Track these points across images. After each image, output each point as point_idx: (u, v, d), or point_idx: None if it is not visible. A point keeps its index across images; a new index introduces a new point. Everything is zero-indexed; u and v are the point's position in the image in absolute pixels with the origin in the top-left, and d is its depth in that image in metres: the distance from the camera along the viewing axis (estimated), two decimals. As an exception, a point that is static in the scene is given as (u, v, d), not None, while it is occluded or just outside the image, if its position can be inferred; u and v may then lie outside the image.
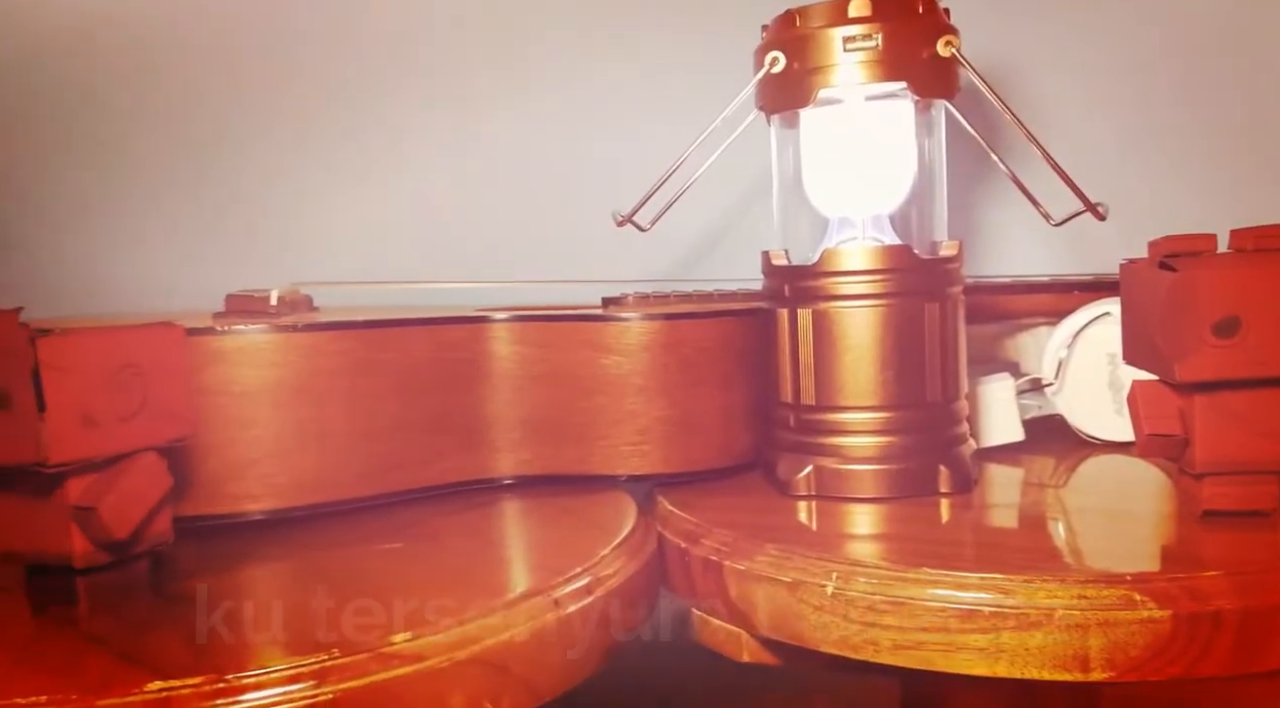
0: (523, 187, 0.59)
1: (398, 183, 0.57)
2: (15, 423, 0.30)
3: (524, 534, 0.40)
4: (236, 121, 0.54)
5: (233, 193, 0.54)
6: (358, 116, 0.56)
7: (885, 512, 0.39)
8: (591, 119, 0.59)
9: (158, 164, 0.52)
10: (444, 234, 0.58)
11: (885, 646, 0.32)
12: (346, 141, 0.56)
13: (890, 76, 0.41)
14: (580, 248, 0.57)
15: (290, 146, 0.55)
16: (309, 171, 0.56)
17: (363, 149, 0.57)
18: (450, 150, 0.58)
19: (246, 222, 0.54)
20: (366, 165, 0.57)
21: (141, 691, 0.25)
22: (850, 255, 0.41)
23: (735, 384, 0.44)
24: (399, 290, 0.52)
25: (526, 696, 0.29)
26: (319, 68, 0.55)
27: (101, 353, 0.31)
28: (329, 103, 0.56)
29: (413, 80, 0.57)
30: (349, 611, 0.30)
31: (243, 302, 0.43)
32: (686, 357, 0.43)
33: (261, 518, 0.38)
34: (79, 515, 0.31)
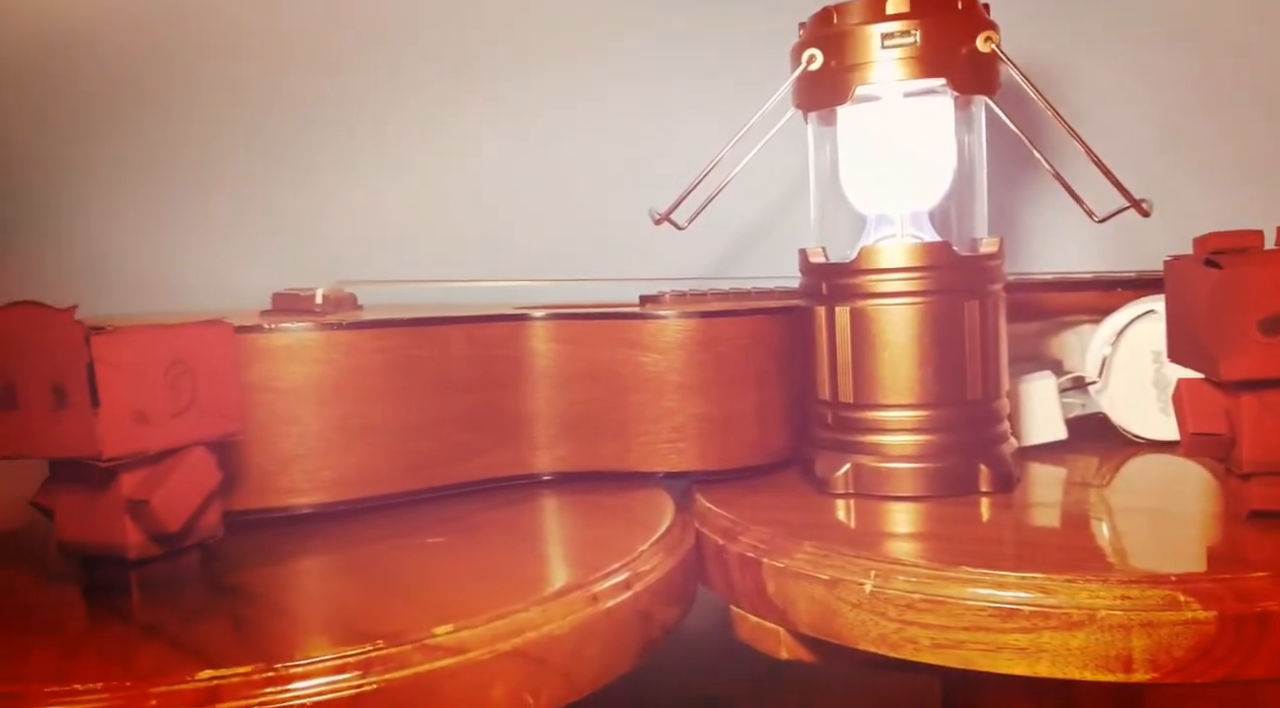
0: (562, 185, 0.59)
1: (438, 182, 0.58)
2: (71, 419, 0.31)
3: (562, 530, 0.40)
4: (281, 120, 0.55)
5: (278, 192, 0.55)
6: (401, 115, 0.57)
7: (924, 510, 0.39)
8: (630, 117, 0.60)
9: (206, 164, 0.53)
10: (484, 233, 0.59)
11: (924, 644, 0.32)
12: (389, 141, 0.57)
13: (929, 73, 0.41)
14: (618, 246, 0.58)
15: (333, 146, 0.56)
16: (352, 171, 0.56)
17: (404, 149, 0.57)
18: (490, 150, 0.59)
19: (293, 220, 0.55)
20: (407, 165, 0.57)
21: (193, 679, 0.25)
22: (888, 253, 0.41)
23: (772, 382, 0.44)
24: (440, 289, 0.53)
25: (566, 689, 0.30)
26: (363, 66, 0.56)
27: (153, 350, 0.32)
28: (372, 101, 0.57)
29: (452, 80, 0.58)
30: (392, 603, 0.31)
31: (289, 300, 0.44)
32: (723, 354, 0.43)
33: (307, 512, 0.39)
34: (132, 509, 0.32)
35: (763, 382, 0.44)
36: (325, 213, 0.56)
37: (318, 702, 0.26)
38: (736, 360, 0.43)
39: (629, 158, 0.59)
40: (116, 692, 0.25)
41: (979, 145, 0.44)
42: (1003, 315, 0.42)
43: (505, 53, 0.58)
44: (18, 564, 0.37)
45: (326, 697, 0.26)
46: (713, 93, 0.58)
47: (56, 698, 0.25)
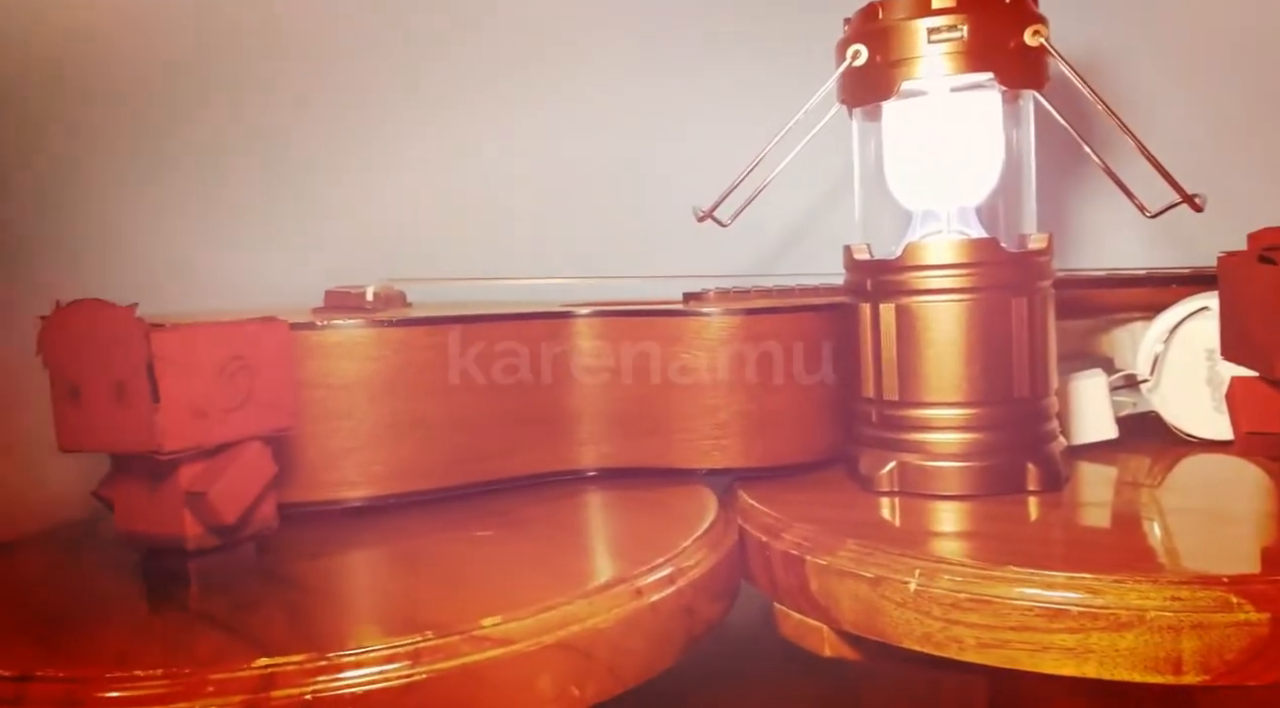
0: (607, 183, 0.59)
1: (484, 180, 0.58)
2: (132, 413, 0.31)
3: (607, 525, 0.40)
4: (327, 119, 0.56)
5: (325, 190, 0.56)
6: (447, 113, 0.58)
7: (970, 509, 0.39)
8: (676, 114, 0.60)
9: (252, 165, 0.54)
10: (530, 231, 0.59)
11: (969, 644, 0.32)
12: (437, 138, 0.58)
13: (976, 67, 0.40)
14: (663, 244, 0.58)
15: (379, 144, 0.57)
16: (399, 169, 0.57)
17: (452, 147, 0.58)
18: (536, 148, 0.59)
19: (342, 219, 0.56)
20: (454, 163, 0.58)
21: (249, 666, 0.26)
22: (934, 249, 0.41)
23: (815, 379, 0.44)
24: (487, 286, 0.53)
25: (610, 681, 0.30)
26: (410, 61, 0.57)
27: (211, 346, 0.32)
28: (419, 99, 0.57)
29: (498, 77, 0.58)
30: (441, 594, 0.31)
31: (341, 298, 0.44)
32: (766, 352, 0.43)
33: (358, 505, 0.39)
34: (190, 501, 0.32)
35: (806, 379, 0.44)
36: (374, 211, 0.57)
37: (369, 691, 0.26)
38: (779, 358, 0.43)
39: (673, 155, 0.59)
40: (176, 678, 0.26)
41: (1027, 140, 0.43)
42: (1051, 312, 0.42)
43: (552, 50, 0.59)
44: (82, 554, 0.38)
45: (377, 686, 0.26)
46: (758, 90, 0.58)
47: (119, 683, 0.26)
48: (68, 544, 0.39)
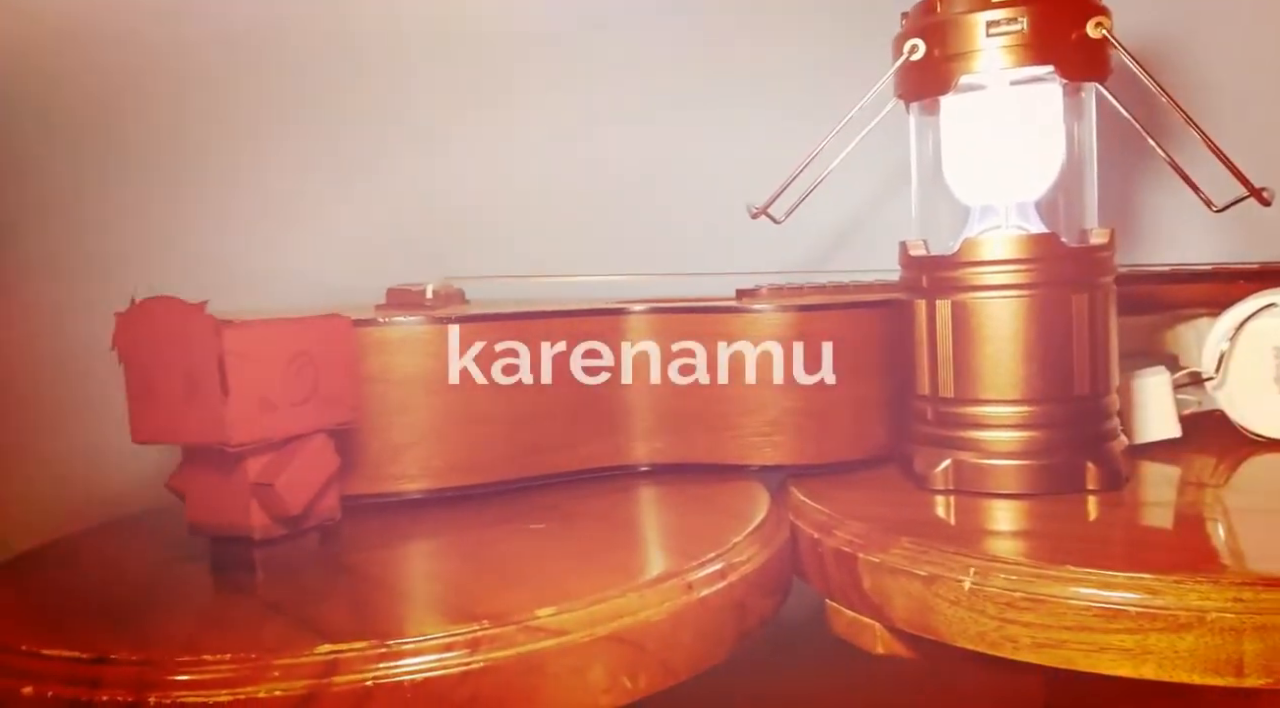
0: (660, 180, 0.60)
1: (539, 180, 0.59)
2: (202, 406, 0.32)
3: (659, 519, 0.41)
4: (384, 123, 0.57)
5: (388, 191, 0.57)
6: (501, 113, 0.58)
7: (1027, 508, 0.38)
8: (729, 111, 0.60)
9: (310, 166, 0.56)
10: (585, 229, 0.60)
11: (1024, 643, 0.31)
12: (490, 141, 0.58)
13: (1037, 60, 0.40)
14: (716, 241, 0.58)
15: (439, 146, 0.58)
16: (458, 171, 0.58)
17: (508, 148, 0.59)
18: (590, 146, 0.59)
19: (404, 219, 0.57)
20: (509, 164, 0.59)
21: (312, 652, 0.27)
22: (992, 244, 0.40)
23: (869, 376, 0.44)
24: (543, 283, 0.54)
25: (662, 674, 0.30)
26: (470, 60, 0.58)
27: (278, 342, 0.33)
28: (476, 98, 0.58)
29: (556, 75, 0.59)
30: (497, 585, 0.32)
31: (401, 295, 0.45)
32: (819, 348, 0.43)
33: (417, 497, 0.40)
34: (258, 492, 0.33)
35: (860, 376, 0.43)
36: (433, 211, 0.58)
37: (427, 678, 0.27)
38: (833, 354, 0.43)
39: (726, 152, 0.59)
40: (243, 663, 0.27)
41: (1089, 133, 0.43)
42: (1113, 309, 0.41)
43: (605, 48, 0.59)
44: (154, 543, 0.39)
45: (435, 673, 0.27)
46: (813, 86, 0.58)
47: (188, 667, 0.26)
48: (141, 533, 0.41)
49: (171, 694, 0.26)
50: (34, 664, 0.27)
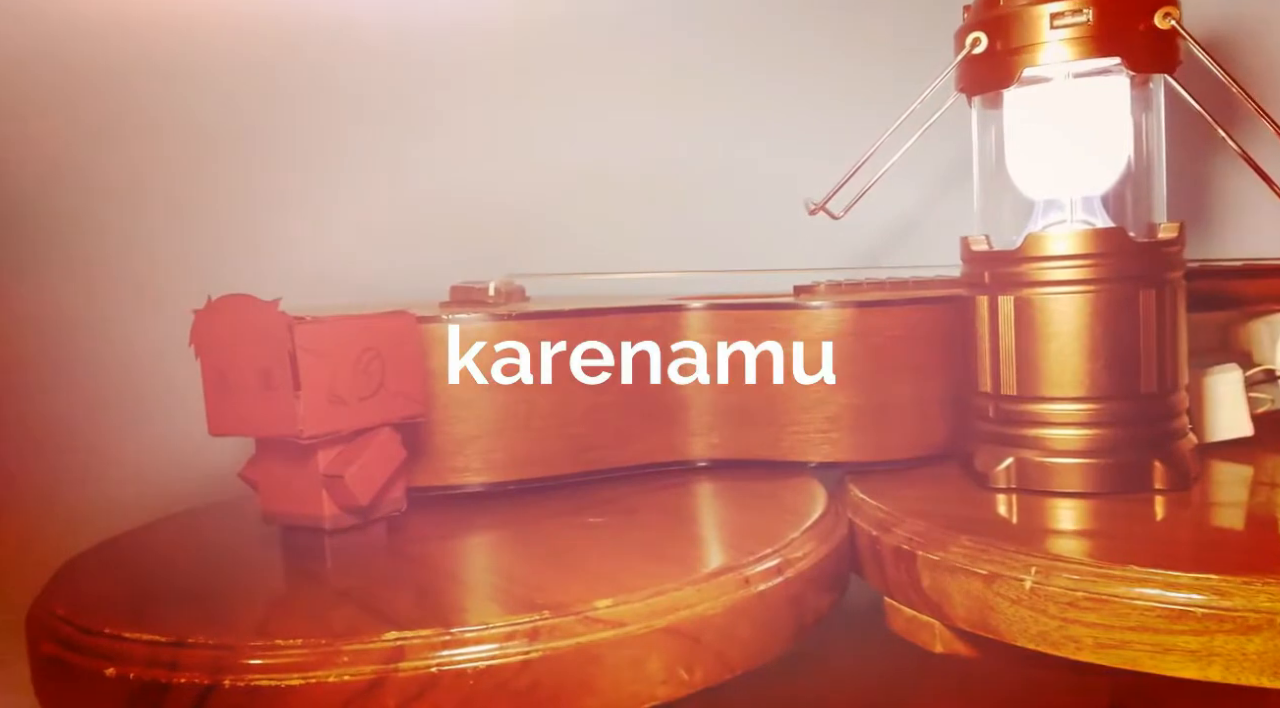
0: (717, 177, 0.60)
1: (598, 179, 0.60)
2: (275, 400, 0.33)
3: (716, 514, 0.41)
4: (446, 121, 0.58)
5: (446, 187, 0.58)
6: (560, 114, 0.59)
7: (1092, 507, 0.38)
8: (786, 106, 0.59)
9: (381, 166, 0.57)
10: (643, 226, 0.60)
11: (1087, 643, 0.31)
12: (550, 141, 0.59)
13: (1102, 52, 0.39)
14: (775, 237, 0.58)
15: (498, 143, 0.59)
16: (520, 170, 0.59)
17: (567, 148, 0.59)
18: (648, 143, 0.60)
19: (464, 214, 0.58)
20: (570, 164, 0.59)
21: (380, 638, 0.28)
22: (1057, 240, 0.40)
23: (929, 373, 0.43)
24: (602, 280, 0.54)
25: (718, 667, 0.31)
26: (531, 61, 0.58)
27: (347, 339, 0.34)
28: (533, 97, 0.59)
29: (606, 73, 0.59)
30: (556, 576, 0.32)
31: (465, 292, 0.46)
32: (878, 345, 0.42)
33: (479, 490, 0.41)
34: (328, 483, 0.34)
35: (919, 373, 0.43)
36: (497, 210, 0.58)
37: (489, 665, 0.27)
38: (892, 351, 0.43)
39: (783, 148, 0.59)
40: (314, 648, 0.27)
41: (1157, 125, 0.42)
42: (1182, 305, 0.40)
43: (671, 46, 0.59)
44: (229, 531, 0.41)
45: (497, 661, 0.28)
46: (869, 80, 0.57)
47: (261, 652, 0.27)
48: (217, 521, 0.42)
49: (245, 677, 0.27)
50: (116, 647, 0.29)
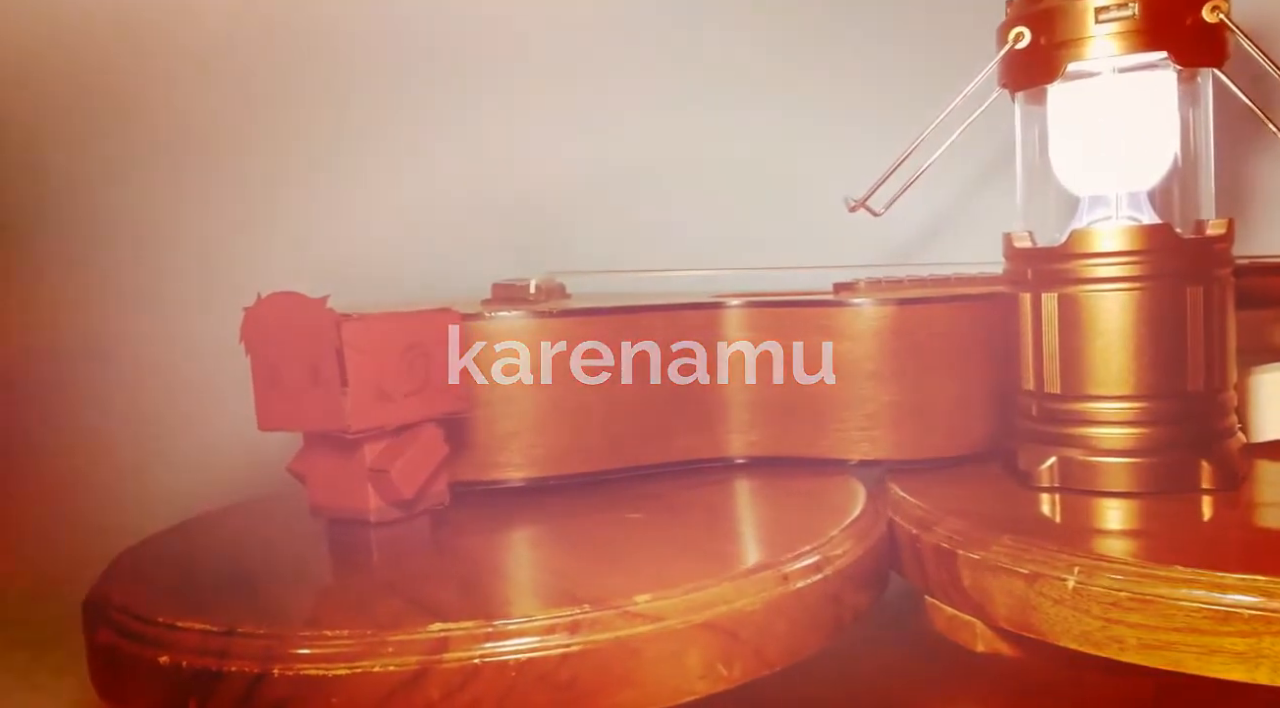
0: (757, 174, 0.60)
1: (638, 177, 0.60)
2: (323, 396, 0.34)
3: (754, 512, 0.41)
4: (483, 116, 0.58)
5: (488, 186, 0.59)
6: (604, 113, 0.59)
7: (1137, 507, 0.37)
8: (826, 102, 0.59)
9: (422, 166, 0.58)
10: (683, 223, 0.60)
11: (1131, 644, 0.31)
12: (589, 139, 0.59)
13: (1149, 46, 0.38)
14: (814, 233, 0.58)
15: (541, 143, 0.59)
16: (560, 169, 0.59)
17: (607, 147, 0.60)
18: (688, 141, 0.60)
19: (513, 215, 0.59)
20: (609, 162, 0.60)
21: (425, 629, 0.28)
22: (1102, 236, 0.39)
23: (971, 371, 0.43)
24: (642, 278, 0.55)
25: (756, 662, 0.31)
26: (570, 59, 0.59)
27: (393, 335, 0.35)
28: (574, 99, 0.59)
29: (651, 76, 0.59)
30: (596, 571, 0.33)
31: (506, 290, 0.47)
32: (920, 342, 0.42)
33: (520, 485, 0.41)
34: (374, 477, 0.35)
35: (961, 371, 0.43)
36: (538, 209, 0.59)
37: (531, 658, 0.28)
38: (934, 349, 0.42)
39: (822, 144, 0.59)
40: (360, 638, 0.28)
41: (1205, 120, 0.41)
42: (1231, 302, 0.40)
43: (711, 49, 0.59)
44: (277, 523, 0.41)
45: (538, 654, 0.28)
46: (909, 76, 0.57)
47: (309, 642, 0.28)
48: (266, 514, 0.43)
49: (294, 667, 0.27)
50: (169, 635, 0.29)
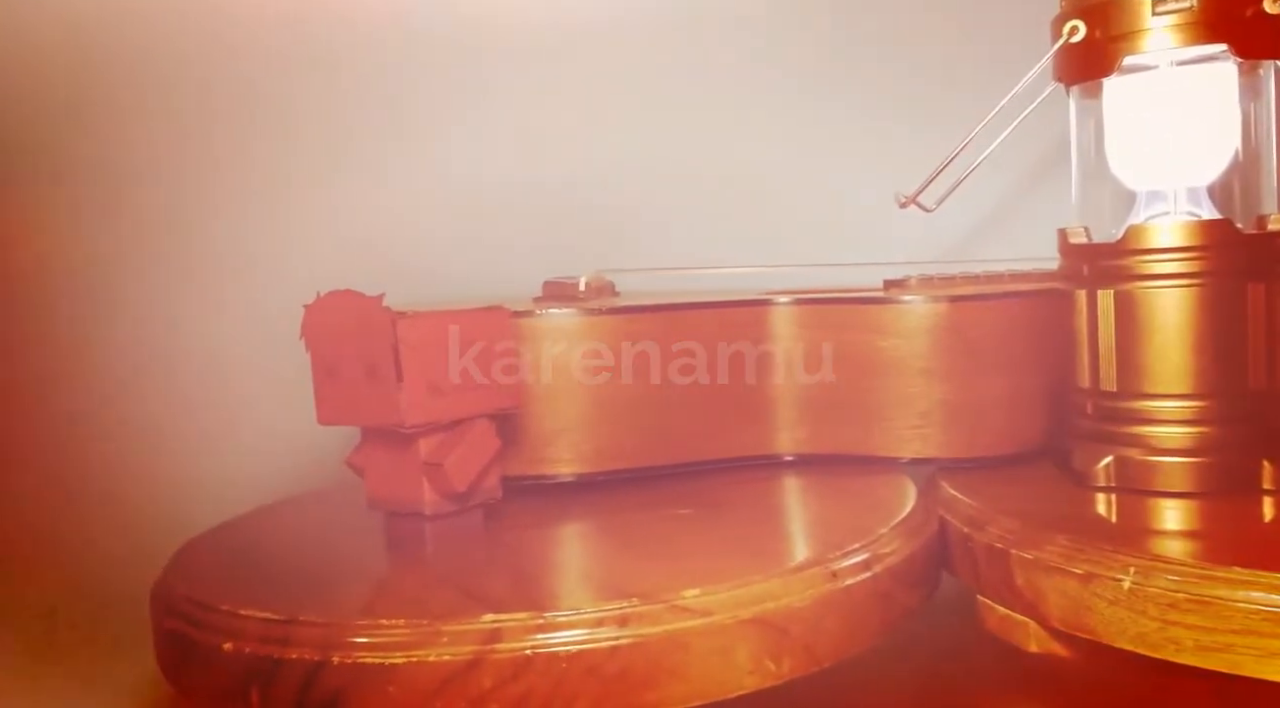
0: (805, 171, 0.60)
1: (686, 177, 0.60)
2: (379, 391, 0.35)
3: (803, 509, 0.41)
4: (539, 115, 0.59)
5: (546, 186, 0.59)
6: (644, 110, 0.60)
7: (1195, 507, 0.37)
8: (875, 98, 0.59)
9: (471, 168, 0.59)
10: (732, 221, 0.60)
11: (1188, 646, 0.30)
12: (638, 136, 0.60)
13: (1208, 39, 0.38)
14: (865, 230, 0.58)
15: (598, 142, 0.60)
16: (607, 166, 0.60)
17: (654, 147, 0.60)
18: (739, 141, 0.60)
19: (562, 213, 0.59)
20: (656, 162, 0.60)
21: (478, 620, 0.28)
22: (1160, 232, 0.39)
23: (1025, 369, 0.43)
24: (690, 275, 0.55)
25: (805, 659, 0.31)
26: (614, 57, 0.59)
27: (446, 332, 0.35)
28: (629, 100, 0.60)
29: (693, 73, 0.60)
30: (645, 565, 0.33)
31: (556, 288, 0.47)
32: (972, 340, 0.42)
33: (569, 481, 0.42)
34: (429, 471, 0.36)
35: (1014, 368, 0.42)
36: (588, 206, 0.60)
37: (581, 650, 0.28)
38: (986, 346, 0.42)
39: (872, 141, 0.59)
40: (415, 628, 0.28)
41: (1266, 113, 0.40)
42: (1294, 298, 0.39)
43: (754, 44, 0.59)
44: (336, 515, 0.42)
45: (588, 646, 0.28)
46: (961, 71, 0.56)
47: (366, 630, 0.28)
48: (325, 506, 0.44)
49: (352, 655, 0.28)
50: (233, 623, 0.30)
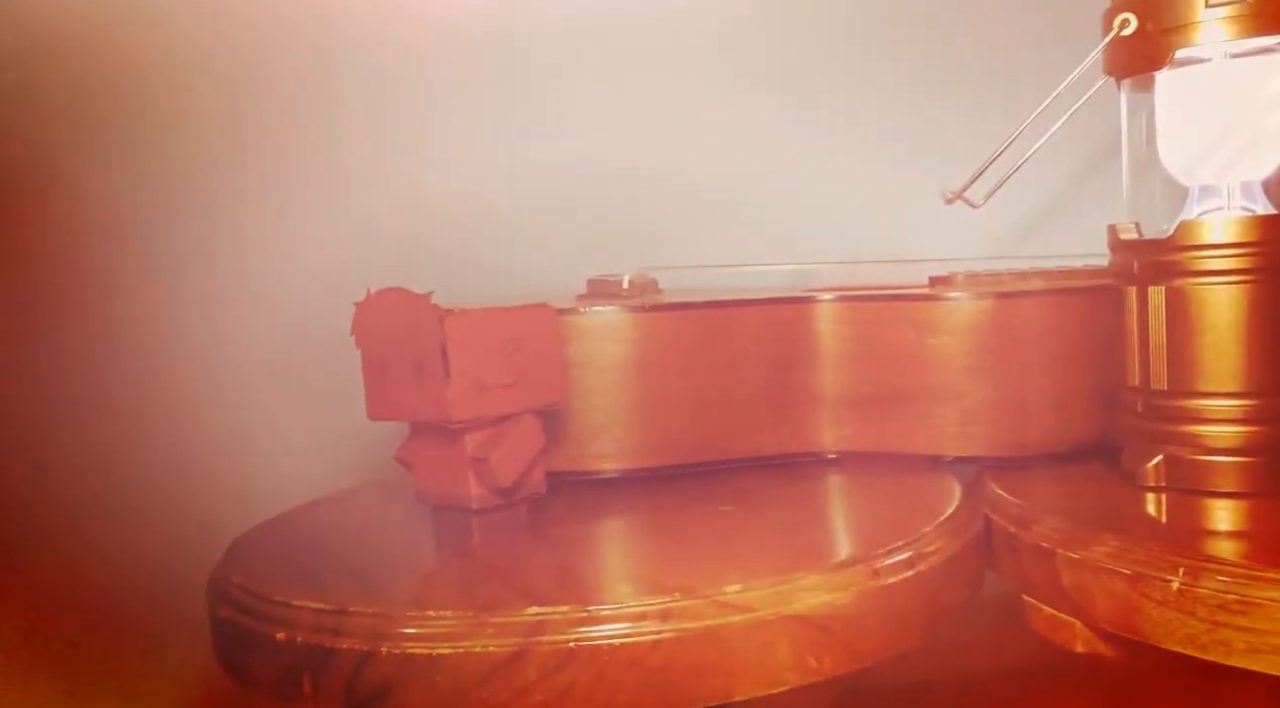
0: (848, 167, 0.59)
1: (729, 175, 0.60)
2: (427, 387, 0.36)
3: (846, 506, 0.41)
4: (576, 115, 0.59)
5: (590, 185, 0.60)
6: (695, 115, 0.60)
7: (1247, 508, 0.36)
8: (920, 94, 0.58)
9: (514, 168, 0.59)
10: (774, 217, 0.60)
11: (1238, 648, 0.30)
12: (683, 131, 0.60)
13: (1264, 30, 0.37)
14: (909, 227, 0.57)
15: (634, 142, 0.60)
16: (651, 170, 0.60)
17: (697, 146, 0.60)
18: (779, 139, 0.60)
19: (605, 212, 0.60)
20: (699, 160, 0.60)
21: (523, 613, 0.29)
22: (1213, 227, 0.38)
23: (1073, 366, 0.42)
24: (733, 272, 0.55)
25: (847, 657, 0.31)
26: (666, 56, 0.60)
27: (492, 330, 0.36)
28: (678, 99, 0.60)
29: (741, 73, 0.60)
30: (687, 561, 0.33)
31: (600, 285, 0.48)
32: (1019, 337, 0.41)
33: (613, 476, 0.42)
34: (475, 465, 0.37)
35: (1062, 366, 0.42)
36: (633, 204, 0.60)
37: (624, 643, 0.29)
38: (1033, 343, 0.42)
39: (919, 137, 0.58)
40: (462, 619, 0.29)
41: (1326, 106, 0.39)
42: (1353, 295, 0.38)
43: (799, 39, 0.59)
44: (385, 509, 0.43)
45: (630, 640, 0.29)
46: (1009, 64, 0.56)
47: (414, 621, 0.29)
48: (374, 500, 0.45)
49: (401, 645, 0.29)
50: (286, 613, 0.31)
